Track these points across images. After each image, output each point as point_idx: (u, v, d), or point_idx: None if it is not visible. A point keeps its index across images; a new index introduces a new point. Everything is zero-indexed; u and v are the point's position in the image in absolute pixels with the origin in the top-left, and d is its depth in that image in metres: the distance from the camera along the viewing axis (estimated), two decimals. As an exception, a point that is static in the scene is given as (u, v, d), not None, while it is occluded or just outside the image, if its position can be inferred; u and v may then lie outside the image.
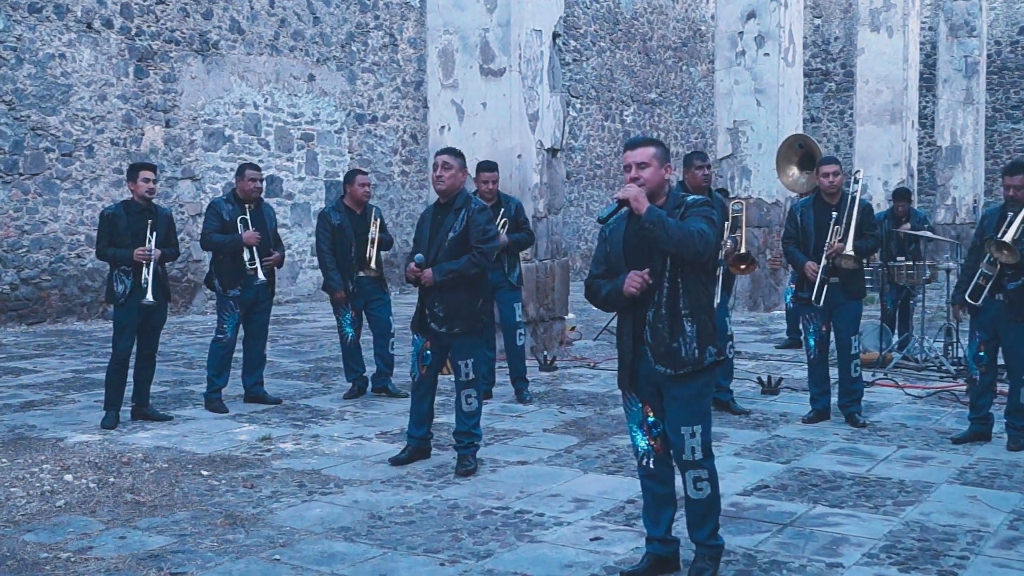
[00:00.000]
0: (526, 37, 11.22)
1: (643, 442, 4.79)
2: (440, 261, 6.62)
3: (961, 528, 5.47)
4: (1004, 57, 29.10)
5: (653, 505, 4.83)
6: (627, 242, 4.68)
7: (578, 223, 24.80)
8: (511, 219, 8.94)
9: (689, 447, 4.63)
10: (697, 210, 4.59)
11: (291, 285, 18.34)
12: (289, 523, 5.53)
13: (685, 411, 4.63)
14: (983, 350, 7.44)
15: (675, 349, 4.58)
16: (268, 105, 17.79)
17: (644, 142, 4.73)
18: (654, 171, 4.64)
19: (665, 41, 27.84)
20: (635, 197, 4.52)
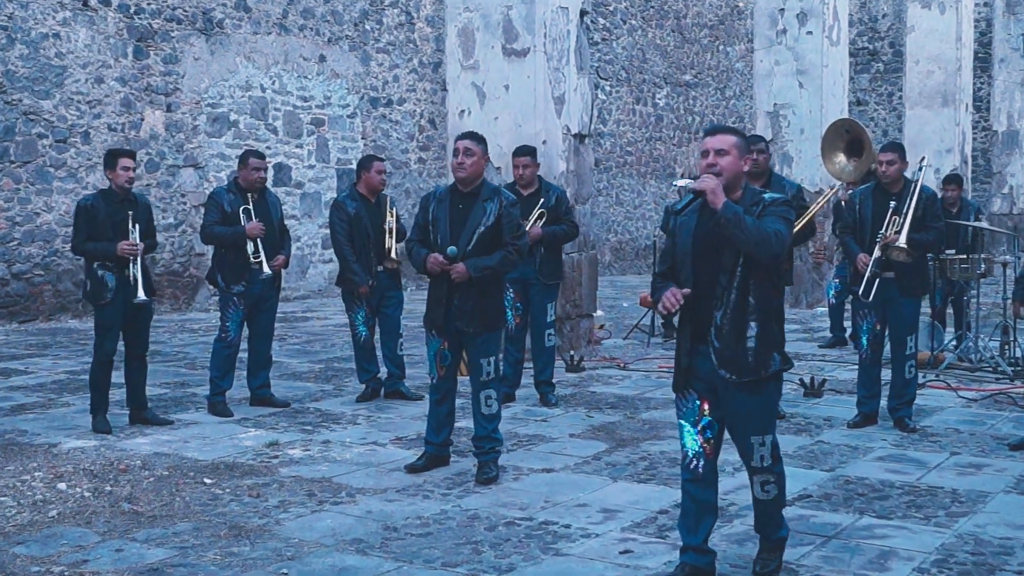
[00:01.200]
0: (552, 15, 11.19)
1: (694, 443, 4.83)
2: (469, 255, 6.59)
3: (1019, 541, 5.42)
4: (1066, 34, 28.86)
5: (693, 513, 4.85)
6: (697, 238, 4.71)
7: (607, 214, 24.77)
8: (550, 210, 8.91)
9: (758, 455, 4.81)
10: (775, 209, 4.65)
11: (300, 280, 18.39)
12: (298, 535, 5.53)
13: (754, 421, 4.77)
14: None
15: (741, 354, 4.64)
16: (276, 88, 17.83)
17: (725, 129, 4.78)
18: (732, 160, 4.67)
19: (701, 19, 27.75)
20: (712, 190, 4.55)
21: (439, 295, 6.67)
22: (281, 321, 14.44)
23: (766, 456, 4.81)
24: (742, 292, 4.63)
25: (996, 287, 12.76)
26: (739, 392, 4.68)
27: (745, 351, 4.64)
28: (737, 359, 4.64)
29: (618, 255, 25.47)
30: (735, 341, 4.63)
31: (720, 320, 4.64)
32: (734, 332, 4.63)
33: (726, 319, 4.63)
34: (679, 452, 4.91)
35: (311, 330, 14.29)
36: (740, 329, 4.63)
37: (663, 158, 26.63)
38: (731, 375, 4.65)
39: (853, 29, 29.55)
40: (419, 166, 20.62)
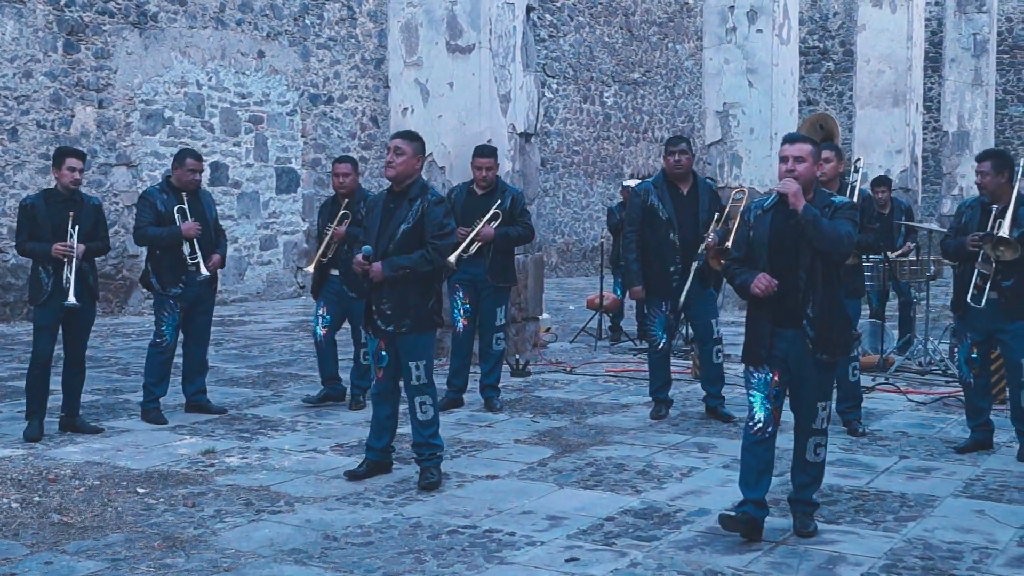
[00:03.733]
0: (497, 11, 11.21)
1: (766, 411, 5.56)
2: (391, 254, 6.60)
3: (967, 545, 5.51)
4: (1016, 35, 29.33)
5: (756, 470, 5.59)
6: (774, 235, 5.52)
7: (553, 215, 24.83)
8: (505, 211, 8.92)
9: (820, 418, 5.66)
10: (844, 212, 5.49)
11: (238, 283, 18.28)
12: (234, 545, 5.50)
13: (822, 389, 5.64)
14: (976, 351, 7.51)
15: (834, 339, 5.50)
16: (213, 84, 17.72)
17: (803, 139, 5.63)
18: (808, 167, 5.49)
19: (649, 16, 27.90)
20: (795, 193, 5.37)
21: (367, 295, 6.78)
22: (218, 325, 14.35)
23: (825, 419, 5.68)
24: (825, 286, 5.46)
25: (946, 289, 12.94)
26: (822, 367, 5.56)
27: (836, 336, 5.50)
28: (832, 343, 5.50)
29: (565, 257, 25.54)
30: (828, 329, 5.47)
31: (812, 312, 5.44)
32: (825, 321, 5.46)
33: (816, 310, 5.44)
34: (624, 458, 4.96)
35: (249, 334, 14.21)
36: (829, 318, 5.47)
37: (611, 158, 26.74)
38: (828, 357, 5.52)
39: (803, 28, 29.84)
40: (361, 165, 20.55)
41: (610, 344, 13.18)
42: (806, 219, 5.34)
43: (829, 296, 5.47)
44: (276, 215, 18.74)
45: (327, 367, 9.14)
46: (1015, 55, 29.26)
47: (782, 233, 5.49)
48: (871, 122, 22.50)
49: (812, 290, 5.44)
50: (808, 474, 5.72)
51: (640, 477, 6.84)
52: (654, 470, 7.02)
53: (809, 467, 5.71)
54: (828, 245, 5.37)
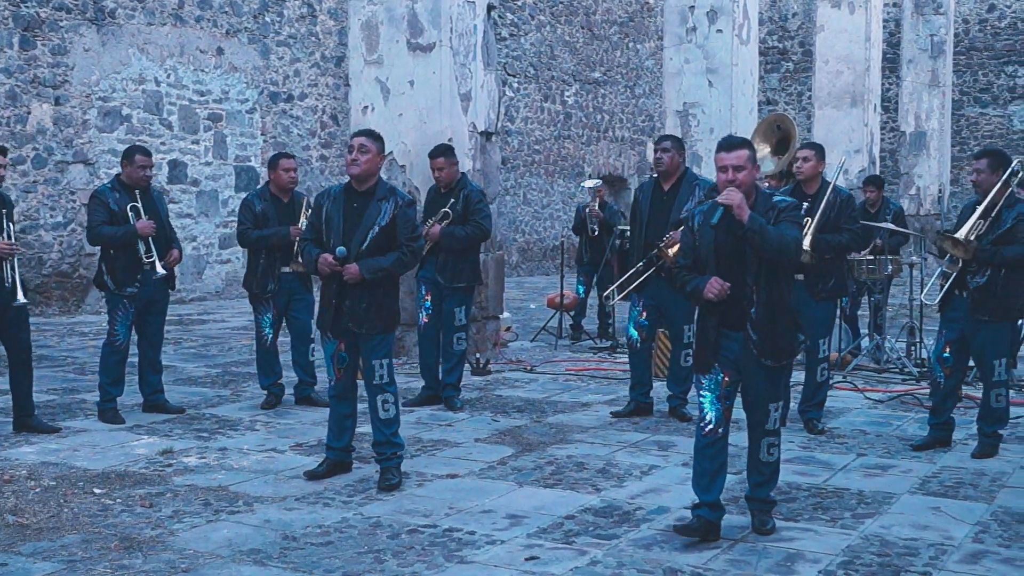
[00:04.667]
0: (458, 9, 11.20)
1: (717, 412, 5.53)
2: (363, 256, 6.57)
3: (923, 542, 5.56)
4: (972, 36, 29.62)
5: (708, 474, 5.56)
6: (719, 242, 5.47)
7: (514, 213, 24.84)
8: (457, 212, 8.89)
9: (772, 419, 5.65)
10: (789, 214, 5.48)
11: (196, 282, 18.17)
12: (192, 546, 5.47)
13: (773, 390, 5.62)
14: (949, 351, 7.56)
15: (780, 344, 5.48)
16: (171, 81, 17.60)
17: (740, 144, 5.58)
18: (748, 173, 5.49)
19: (610, 15, 27.96)
20: (739, 205, 5.34)
21: (329, 296, 6.67)
22: (176, 324, 14.28)
23: (777, 420, 5.67)
24: (769, 290, 5.43)
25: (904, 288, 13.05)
26: (771, 371, 5.52)
27: (780, 340, 5.47)
28: (775, 348, 5.47)
29: (525, 256, 25.55)
30: (771, 333, 5.44)
31: (756, 316, 5.42)
32: (769, 325, 5.44)
33: (760, 315, 5.42)
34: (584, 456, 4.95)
35: (208, 333, 14.13)
36: (773, 322, 5.44)
37: (572, 157, 26.77)
38: (772, 361, 5.48)
39: (763, 28, 29.99)
40: (321, 163, 20.50)
41: (570, 343, 13.20)
42: (752, 230, 5.32)
43: (774, 300, 5.46)
44: (235, 213, 18.60)
45: (275, 370, 9.10)
46: (971, 56, 29.54)
47: (728, 241, 5.46)
48: (829, 122, 22.64)
49: (757, 295, 5.42)
50: (762, 473, 5.73)
51: (600, 475, 6.86)
52: (614, 468, 7.04)
53: (763, 466, 5.72)
54: (776, 253, 5.35)
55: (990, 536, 5.68)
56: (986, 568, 5.19)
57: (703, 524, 5.48)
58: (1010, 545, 5.53)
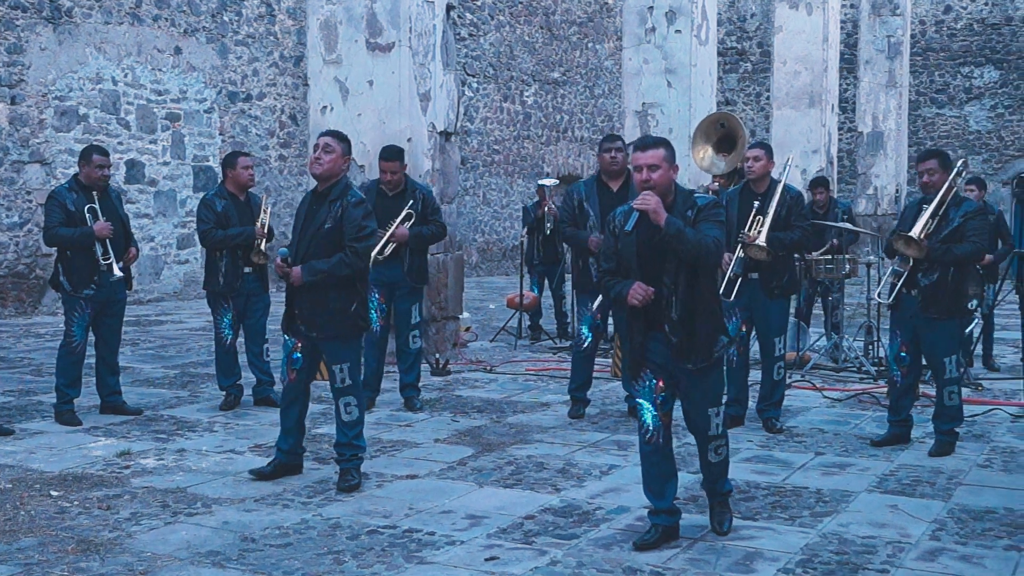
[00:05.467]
0: (417, 9, 11.18)
1: (654, 419, 5.45)
2: (311, 257, 6.54)
3: (881, 540, 5.59)
4: (928, 37, 29.87)
5: (658, 479, 5.51)
6: (640, 248, 5.33)
7: (474, 214, 24.83)
8: (417, 212, 8.89)
9: (714, 424, 5.54)
10: (709, 214, 5.32)
11: (154, 282, 18.05)
12: (150, 548, 5.43)
13: (709, 396, 5.50)
14: (905, 350, 7.62)
15: (696, 345, 5.32)
16: (128, 81, 17.48)
17: (655, 143, 5.39)
18: (664, 172, 5.32)
19: (569, 15, 28.00)
20: (654, 209, 5.18)
21: (286, 298, 6.69)
22: (134, 325, 14.18)
23: (719, 425, 5.56)
24: (689, 291, 5.28)
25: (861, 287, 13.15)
26: (696, 376, 5.39)
27: (698, 342, 5.31)
28: (693, 350, 5.32)
29: (485, 256, 25.55)
30: (690, 335, 5.30)
31: (675, 318, 5.29)
32: (687, 327, 5.29)
33: (679, 317, 5.28)
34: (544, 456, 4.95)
35: (165, 334, 14.04)
36: (691, 324, 5.30)
37: (531, 157, 26.79)
38: (690, 364, 5.34)
39: (722, 29, 30.13)
40: (280, 163, 20.42)
41: (530, 343, 13.21)
42: (669, 234, 5.16)
43: (694, 301, 5.31)
44: (193, 213, 18.49)
45: (234, 371, 9.05)
46: (928, 57, 29.80)
47: (649, 243, 5.30)
48: (787, 122, 22.77)
49: (676, 295, 5.29)
50: (713, 472, 5.68)
51: (560, 475, 6.87)
52: (574, 468, 7.05)
53: (713, 467, 5.66)
54: (695, 256, 5.20)
55: (947, 534, 5.72)
56: (943, 565, 5.24)
57: (661, 533, 5.45)
58: (967, 543, 5.58)
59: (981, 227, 7.42)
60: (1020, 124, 28.72)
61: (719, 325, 5.45)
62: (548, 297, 13.79)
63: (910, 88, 28.45)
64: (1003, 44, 28.86)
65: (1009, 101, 28.82)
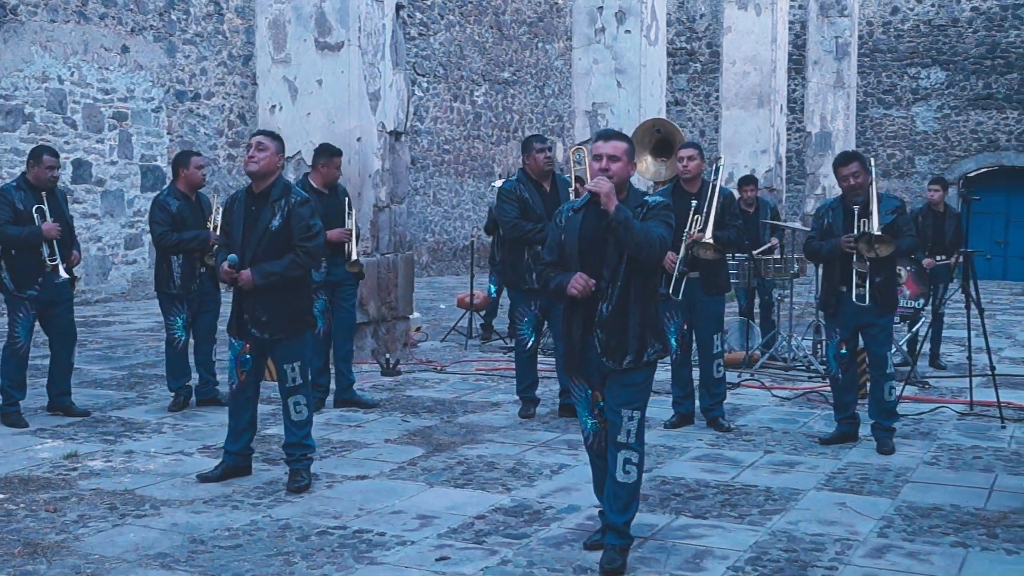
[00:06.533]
0: (366, 8, 11.16)
1: (592, 424, 5.36)
2: (260, 259, 6.51)
3: (830, 537, 5.65)
4: (876, 38, 30.15)
5: (603, 483, 5.37)
6: (583, 236, 5.20)
7: (424, 213, 24.80)
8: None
9: (625, 429, 5.18)
10: (658, 213, 5.19)
11: (102, 283, 17.88)
12: (98, 550, 5.39)
13: (627, 394, 5.20)
14: (844, 347, 7.74)
15: (623, 344, 5.13)
16: (75, 80, 17.30)
17: (617, 136, 5.30)
18: (623, 166, 5.19)
19: (519, 15, 28.03)
20: (607, 194, 5.03)
21: (234, 302, 6.65)
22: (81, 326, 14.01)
23: (632, 432, 5.18)
24: (625, 287, 5.12)
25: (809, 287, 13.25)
26: (620, 374, 5.18)
27: (627, 341, 5.13)
28: (619, 348, 5.13)
29: (435, 256, 25.52)
30: (618, 332, 5.13)
31: (605, 312, 5.13)
32: (617, 324, 5.13)
33: (610, 311, 5.12)
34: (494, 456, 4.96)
35: (113, 335, 13.92)
36: (623, 321, 5.13)
37: (481, 157, 26.80)
38: (614, 363, 5.14)
39: (671, 29, 30.26)
40: (228, 163, 20.28)
41: (480, 343, 13.22)
42: (617, 220, 4.99)
43: (630, 301, 5.13)
44: (141, 214, 18.34)
45: (184, 372, 8.99)
46: (875, 58, 30.07)
47: (593, 234, 5.17)
48: (737, 123, 22.91)
49: (611, 291, 5.11)
50: (619, 497, 5.19)
51: (510, 475, 6.88)
52: (524, 468, 7.06)
53: (619, 488, 5.18)
54: (639, 249, 5.02)
55: (894, 530, 5.79)
56: (891, 562, 5.30)
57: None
58: (914, 539, 5.64)
59: (910, 221, 7.86)
60: (966, 125, 29.05)
61: (654, 330, 5.22)
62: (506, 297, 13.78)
63: (858, 89, 28.71)
64: (949, 45, 29.19)
65: (955, 102, 29.14)
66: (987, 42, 28.83)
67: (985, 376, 9.38)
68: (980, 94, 28.93)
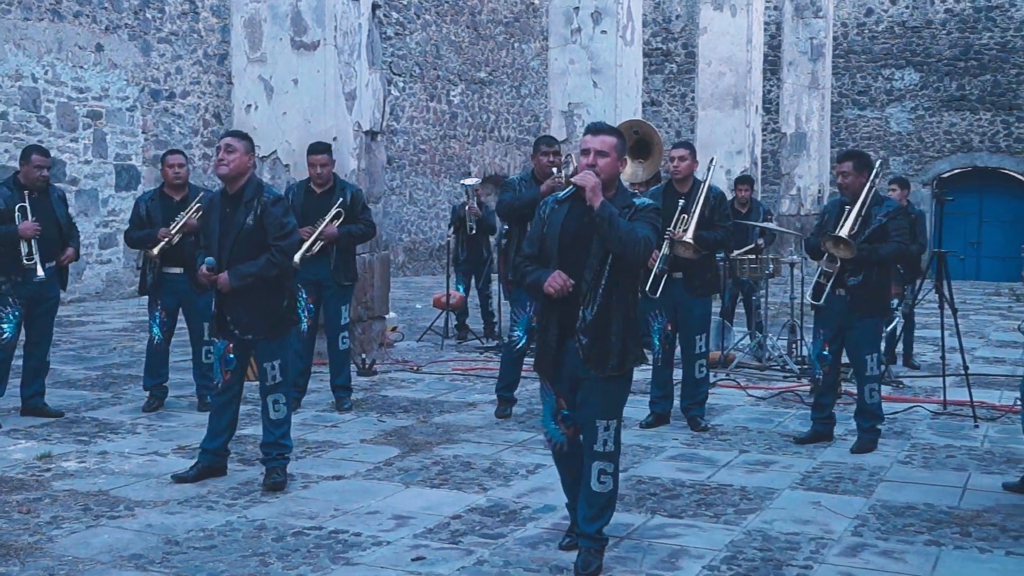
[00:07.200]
0: (343, 7, 11.13)
1: (556, 431, 5.24)
2: (236, 260, 6.50)
3: (804, 536, 5.67)
4: (851, 40, 30.27)
5: (572, 486, 5.34)
6: (566, 231, 5.05)
7: (400, 213, 24.76)
8: (347, 209, 8.86)
9: (602, 439, 5.07)
10: (646, 215, 5.02)
11: (76, 282, 17.78)
12: (72, 552, 5.37)
13: (604, 405, 5.07)
14: (827, 349, 7.74)
15: (605, 350, 4.98)
16: (49, 78, 17.21)
17: (608, 130, 5.15)
18: (611, 162, 5.05)
19: (496, 15, 28.02)
20: (592, 188, 4.89)
21: (215, 302, 6.65)
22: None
23: (609, 441, 5.08)
24: (608, 291, 4.97)
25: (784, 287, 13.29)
26: (599, 383, 5.03)
27: (609, 347, 4.98)
28: (601, 355, 4.98)
29: (411, 255, 25.49)
30: (601, 338, 4.97)
31: (588, 317, 4.97)
32: (600, 330, 4.97)
33: (593, 316, 4.97)
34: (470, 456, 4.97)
35: (87, 335, 13.85)
36: (606, 327, 4.97)
37: (458, 156, 26.78)
38: (595, 371, 4.99)
39: (647, 30, 30.31)
40: (204, 162, 20.19)
41: (456, 342, 13.20)
42: (601, 216, 4.84)
43: (612, 304, 4.98)
44: (116, 213, 18.28)
45: (159, 372, 8.95)
46: (850, 59, 30.19)
47: (576, 230, 5.02)
48: (712, 123, 22.95)
49: (593, 294, 4.97)
50: (592, 506, 5.11)
51: (486, 475, 6.88)
52: (500, 468, 7.06)
53: (594, 497, 5.11)
54: (622, 247, 4.86)
55: (868, 529, 5.82)
56: (865, 560, 5.32)
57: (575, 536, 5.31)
58: (888, 538, 5.67)
59: (903, 226, 7.64)
60: (940, 126, 29.20)
61: (635, 335, 5.11)
62: (475, 296, 13.80)
63: (832, 90, 28.81)
64: (923, 47, 29.32)
65: (929, 103, 29.28)
66: (960, 44, 28.99)
67: (958, 376, 9.44)
68: (954, 95, 29.08)
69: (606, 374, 5.01)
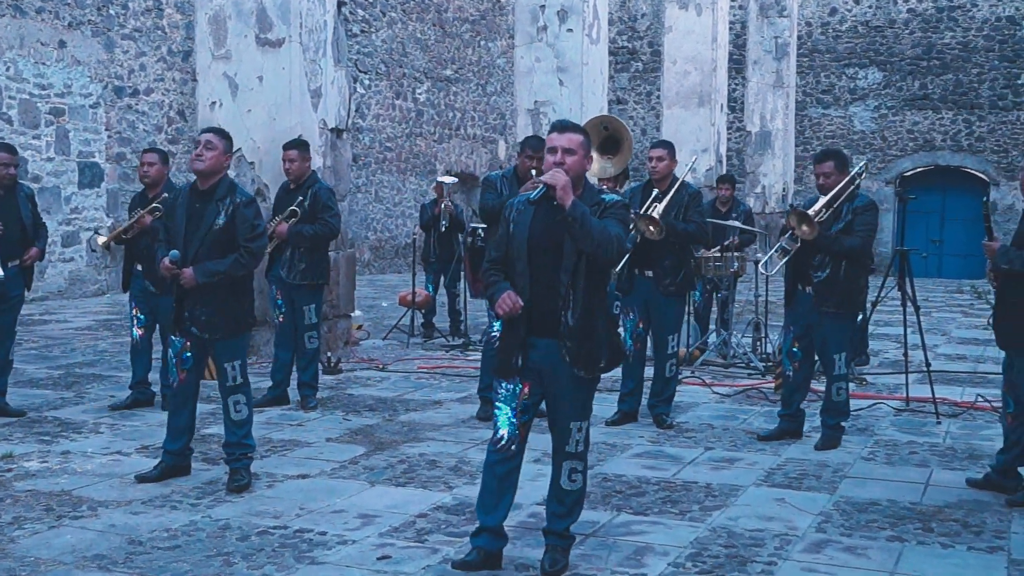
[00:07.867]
0: (308, 5, 11.09)
1: (511, 426, 5.03)
2: (203, 257, 6.46)
3: (769, 532, 5.70)
4: (815, 39, 30.42)
5: (497, 491, 5.06)
6: (534, 233, 4.96)
7: (366, 211, 24.70)
8: (304, 210, 8.80)
9: (574, 440, 5.07)
10: (615, 212, 4.94)
11: (38, 281, 17.61)
12: (33, 552, 5.32)
13: (577, 407, 5.06)
14: (797, 345, 7.78)
15: (592, 352, 4.93)
16: (10, 75, 17.06)
17: (573, 128, 5.09)
18: (578, 160, 4.97)
19: (462, 13, 27.99)
20: (563, 187, 4.79)
21: (175, 299, 6.59)
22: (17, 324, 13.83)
23: (580, 442, 5.09)
24: (587, 293, 4.90)
25: (749, 285, 13.34)
26: (570, 382, 4.98)
27: (595, 348, 4.93)
28: (589, 356, 4.93)
29: (377, 253, 25.43)
30: (585, 340, 4.91)
31: (571, 321, 4.89)
32: (584, 332, 4.90)
33: (576, 319, 4.89)
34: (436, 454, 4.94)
35: (50, 334, 13.75)
36: (589, 329, 4.91)
37: (424, 154, 26.74)
38: (586, 372, 4.94)
39: (613, 28, 30.35)
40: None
41: (422, 341, 13.18)
42: (573, 216, 4.74)
43: (593, 304, 4.92)
44: (79, 211, 18.15)
45: (139, 370, 8.91)
46: (814, 58, 30.33)
47: (545, 230, 4.93)
48: (678, 121, 22.98)
49: (573, 296, 4.89)
50: (563, 504, 5.13)
51: (452, 473, 6.87)
52: (466, 466, 7.05)
53: (564, 495, 5.12)
54: (595, 247, 4.77)
55: (832, 525, 5.85)
56: (829, 557, 5.35)
57: (482, 556, 5.05)
58: (851, 534, 5.71)
59: (869, 221, 7.57)
60: (903, 125, 29.39)
61: (614, 332, 5.11)
62: (443, 295, 13.78)
63: (797, 88, 28.94)
64: (886, 46, 29.50)
65: (892, 102, 29.47)
66: (923, 43, 29.19)
67: (921, 372, 9.50)
68: (916, 94, 29.29)
69: (593, 374, 5.01)
